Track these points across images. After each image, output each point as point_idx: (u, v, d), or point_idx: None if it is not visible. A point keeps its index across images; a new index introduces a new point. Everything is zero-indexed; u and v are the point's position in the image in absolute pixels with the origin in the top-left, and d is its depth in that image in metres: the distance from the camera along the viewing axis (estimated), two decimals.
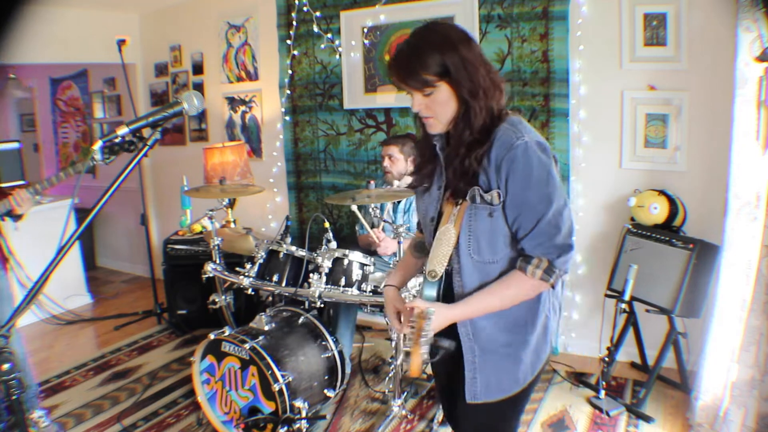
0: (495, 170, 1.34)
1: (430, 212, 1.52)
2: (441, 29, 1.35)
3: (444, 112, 1.37)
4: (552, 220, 1.34)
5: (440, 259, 1.41)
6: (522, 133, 1.34)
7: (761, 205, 2.28)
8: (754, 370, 2.31)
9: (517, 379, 1.46)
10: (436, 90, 1.33)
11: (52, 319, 4.18)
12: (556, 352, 3.47)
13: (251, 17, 4.29)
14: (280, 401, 2.35)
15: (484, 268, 1.41)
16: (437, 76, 1.31)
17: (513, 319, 1.43)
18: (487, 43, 3.38)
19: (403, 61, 1.34)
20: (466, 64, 1.31)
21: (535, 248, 1.36)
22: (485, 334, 1.44)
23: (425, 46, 1.32)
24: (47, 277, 1.19)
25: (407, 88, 1.36)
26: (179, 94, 4.27)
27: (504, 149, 1.32)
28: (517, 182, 1.32)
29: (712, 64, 2.85)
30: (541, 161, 1.33)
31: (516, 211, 1.35)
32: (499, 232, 1.38)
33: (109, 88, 5.36)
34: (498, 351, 1.45)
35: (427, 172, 1.52)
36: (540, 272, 1.35)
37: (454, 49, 1.31)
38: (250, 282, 2.83)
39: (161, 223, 5.29)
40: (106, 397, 3.16)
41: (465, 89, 1.32)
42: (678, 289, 2.69)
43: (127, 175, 1.26)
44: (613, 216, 3.26)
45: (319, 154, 4.16)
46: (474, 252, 1.40)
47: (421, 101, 1.37)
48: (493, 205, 1.36)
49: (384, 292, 1.66)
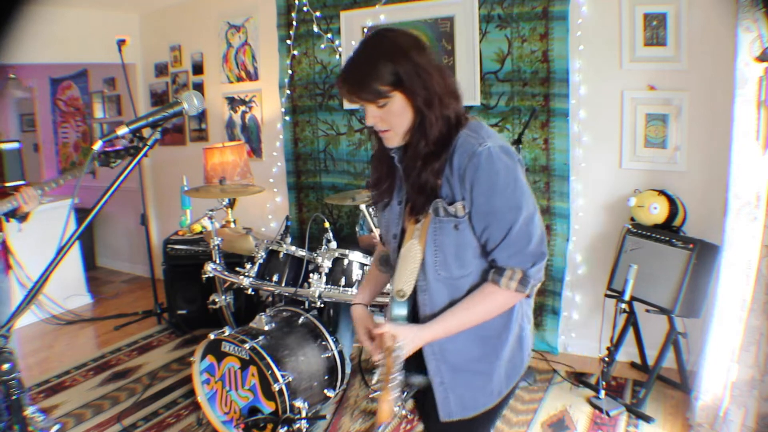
0: (458, 180, 1.27)
1: (392, 229, 1.44)
2: (390, 36, 1.28)
3: (400, 123, 1.29)
4: (523, 228, 1.27)
5: (407, 277, 1.34)
6: (484, 139, 1.26)
7: (761, 205, 2.28)
8: (754, 370, 2.31)
9: (492, 393, 1.40)
10: (390, 101, 1.25)
11: (52, 319, 4.18)
12: (556, 352, 3.47)
13: (251, 17, 4.29)
14: (280, 401, 2.35)
15: (453, 283, 1.34)
16: (391, 85, 1.23)
17: (484, 333, 1.36)
18: (487, 43, 3.38)
19: (355, 73, 1.26)
20: (419, 71, 1.24)
21: (507, 259, 1.29)
22: (455, 350, 1.37)
23: (376, 55, 1.24)
24: (47, 277, 1.19)
25: (360, 101, 1.28)
26: (179, 94, 4.27)
27: (466, 157, 1.25)
28: (482, 191, 1.25)
29: (712, 64, 2.85)
30: (507, 166, 1.26)
31: (484, 221, 1.28)
32: (467, 245, 1.32)
33: (109, 88, 5.36)
34: (469, 368, 1.38)
35: (386, 187, 1.44)
36: (515, 283, 1.29)
37: (406, 56, 1.23)
38: (250, 282, 2.83)
39: (161, 223, 5.29)
40: (106, 397, 3.16)
41: (419, 98, 1.25)
42: (678, 289, 2.68)
43: (127, 175, 1.25)
44: (613, 216, 3.26)
45: (319, 154, 4.16)
46: (441, 268, 1.33)
47: (376, 113, 1.28)
48: (458, 218, 1.29)
49: (352, 311, 1.58)
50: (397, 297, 1.36)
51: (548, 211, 3.39)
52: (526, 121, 3.17)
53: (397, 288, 1.36)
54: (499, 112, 3.43)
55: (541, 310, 3.51)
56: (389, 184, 1.44)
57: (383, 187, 1.44)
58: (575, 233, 3.36)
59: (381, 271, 1.64)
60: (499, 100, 3.42)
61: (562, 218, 3.36)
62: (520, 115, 3.37)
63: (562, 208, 3.34)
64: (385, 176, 1.44)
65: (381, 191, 1.45)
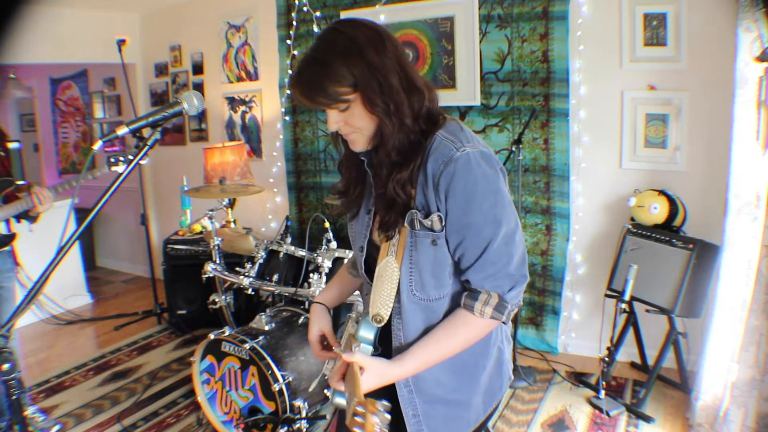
0: (433, 188, 1.13)
1: (359, 240, 1.31)
2: (347, 31, 1.11)
3: (366, 126, 1.15)
4: (501, 247, 1.13)
5: (384, 300, 1.19)
6: (462, 143, 1.13)
7: (761, 205, 2.28)
8: (754, 370, 2.32)
9: (469, 421, 1.28)
10: (351, 104, 1.11)
11: (52, 319, 4.18)
12: (556, 352, 3.47)
13: (251, 17, 4.29)
14: (280, 401, 2.35)
15: (428, 306, 1.20)
16: (350, 87, 1.09)
17: (461, 360, 1.22)
18: (487, 43, 3.38)
19: (307, 75, 1.11)
20: (375, 73, 1.09)
21: (482, 281, 1.14)
22: (430, 379, 1.24)
23: (330, 54, 1.09)
24: (47, 277, 1.19)
25: (314, 105, 1.13)
26: (179, 94, 4.27)
27: (441, 163, 1.11)
28: (458, 202, 1.11)
29: (712, 64, 2.85)
30: (486, 175, 1.12)
31: (458, 236, 1.14)
32: (445, 262, 1.18)
33: (109, 88, 5.36)
34: (445, 398, 1.25)
35: (356, 195, 1.30)
36: (490, 309, 1.14)
37: (360, 55, 1.08)
38: (250, 282, 2.83)
39: (161, 223, 5.29)
40: (106, 397, 3.16)
41: (376, 105, 1.10)
42: (678, 289, 2.68)
43: (127, 175, 1.25)
44: (613, 216, 3.26)
45: (319, 154, 4.16)
46: (417, 288, 1.19)
47: (338, 118, 1.15)
48: (435, 231, 1.15)
49: (311, 309, 1.44)
50: (374, 322, 1.21)
51: (548, 211, 3.39)
52: (526, 121, 3.17)
53: (374, 312, 1.19)
54: (499, 112, 3.43)
55: (541, 310, 3.51)
56: (359, 191, 1.30)
57: (353, 195, 1.31)
58: (575, 233, 3.36)
59: (352, 275, 1.52)
60: (499, 100, 3.42)
61: (562, 218, 3.36)
62: (520, 115, 3.37)
63: (562, 208, 3.34)
64: (354, 182, 1.30)
65: (350, 200, 1.32)
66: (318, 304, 1.46)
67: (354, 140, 1.19)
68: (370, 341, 1.23)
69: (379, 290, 1.19)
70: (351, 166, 1.29)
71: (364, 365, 1.13)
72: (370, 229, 1.29)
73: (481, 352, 1.26)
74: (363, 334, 1.23)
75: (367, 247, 1.30)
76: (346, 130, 1.17)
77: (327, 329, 1.41)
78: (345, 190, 1.33)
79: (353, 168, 1.29)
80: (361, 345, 1.23)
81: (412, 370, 1.18)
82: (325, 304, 1.47)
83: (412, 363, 1.17)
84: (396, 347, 1.25)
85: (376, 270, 1.20)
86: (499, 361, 1.31)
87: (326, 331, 1.41)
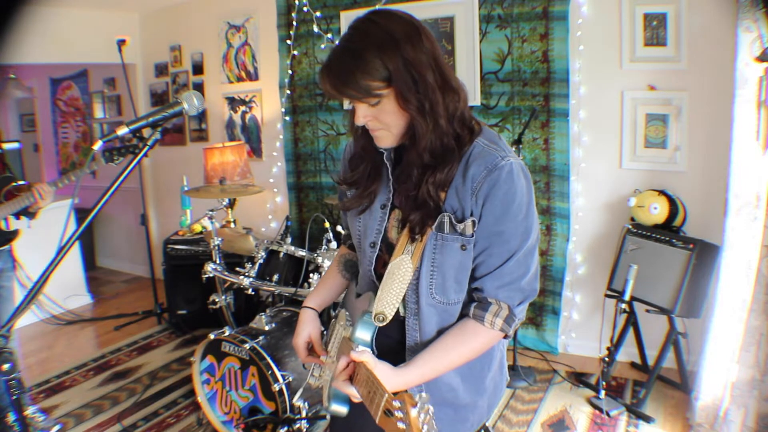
0: (471, 193, 1.12)
1: (370, 236, 1.26)
2: (383, 22, 1.08)
3: (397, 123, 1.12)
4: (522, 259, 1.14)
5: (391, 299, 1.17)
6: (506, 153, 1.13)
7: (761, 205, 2.28)
8: (754, 370, 2.32)
9: (473, 424, 1.29)
10: (383, 99, 1.08)
11: (52, 319, 4.19)
12: (556, 352, 3.47)
13: (251, 17, 4.29)
14: (280, 401, 2.35)
15: (445, 309, 1.19)
16: (383, 81, 1.06)
17: (468, 365, 1.21)
18: (487, 43, 3.38)
19: (339, 65, 1.08)
20: (410, 69, 1.06)
21: (497, 290, 1.15)
22: (442, 384, 1.23)
23: (365, 45, 1.06)
24: (47, 277, 1.19)
25: (344, 98, 1.11)
26: (179, 94, 4.27)
27: (485, 169, 1.11)
28: (494, 209, 1.11)
29: (712, 64, 2.85)
30: (524, 189, 1.13)
31: (486, 242, 1.14)
32: (469, 267, 1.17)
33: (109, 88, 5.36)
34: (454, 402, 1.25)
35: (369, 191, 1.26)
36: (500, 322, 1.14)
37: (395, 49, 1.05)
38: (250, 282, 2.83)
39: (161, 223, 5.29)
40: (106, 397, 3.16)
41: (408, 101, 1.07)
42: (678, 289, 2.68)
43: (127, 175, 1.25)
44: (613, 216, 3.26)
45: (319, 154, 4.16)
46: (438, 291, 1.17)
47: (368, 112, 1.12)
48: (465, 236, 1.14)
49: (300, 314, 1.41)
50: (376, 321, 1.18)
51: (548, 211, 3.39)
52: (526, 121, 3.17)
53: (378, 310, 1.17)
54: (499, 112, 3.43)
55: (541, 310, 3.51)
56: (374, 187, 1.26)
57: (365, 191, 1.27)
58: (575, 233, 3.36)
59: (343, 276, 1.47)
60: (499, 100, 3.42)
61: (562, 218, 3.36)
62: (520, 115, 3.37)
63: (562, 208, 3.34)
64: (369, 177, 1.26)
65: (360, 195, 1.27)
66: (308, 309, 1.43)
67: (381, 137, 1.16)
68: (367, 343, 1.21)
69: (387, 288, 1.17)
70: (368, 159, 1.26)
71: (372, 368, 1.08)
72: (385, 225, 1.25)
73: (487, 358, 1.28)
74: (360, 336, 1.20)
75: (380, 244, 1.27)
76: (374, 125, 1.15)
77: (315, 336, 1.38)
78: (353, 181, 1.29)
79: (370, 161, 1.25)
80: (359, 347, 1.19)
81: (417, 380, 1.16)
82: (315, 309, 1.44)
83: (416, 373, 1.14)
84: (410, 346, 1.24)
85: (388, 267, 1.18)
86: (501, 363, 1.34)
87: (314, 339, 1.38)
